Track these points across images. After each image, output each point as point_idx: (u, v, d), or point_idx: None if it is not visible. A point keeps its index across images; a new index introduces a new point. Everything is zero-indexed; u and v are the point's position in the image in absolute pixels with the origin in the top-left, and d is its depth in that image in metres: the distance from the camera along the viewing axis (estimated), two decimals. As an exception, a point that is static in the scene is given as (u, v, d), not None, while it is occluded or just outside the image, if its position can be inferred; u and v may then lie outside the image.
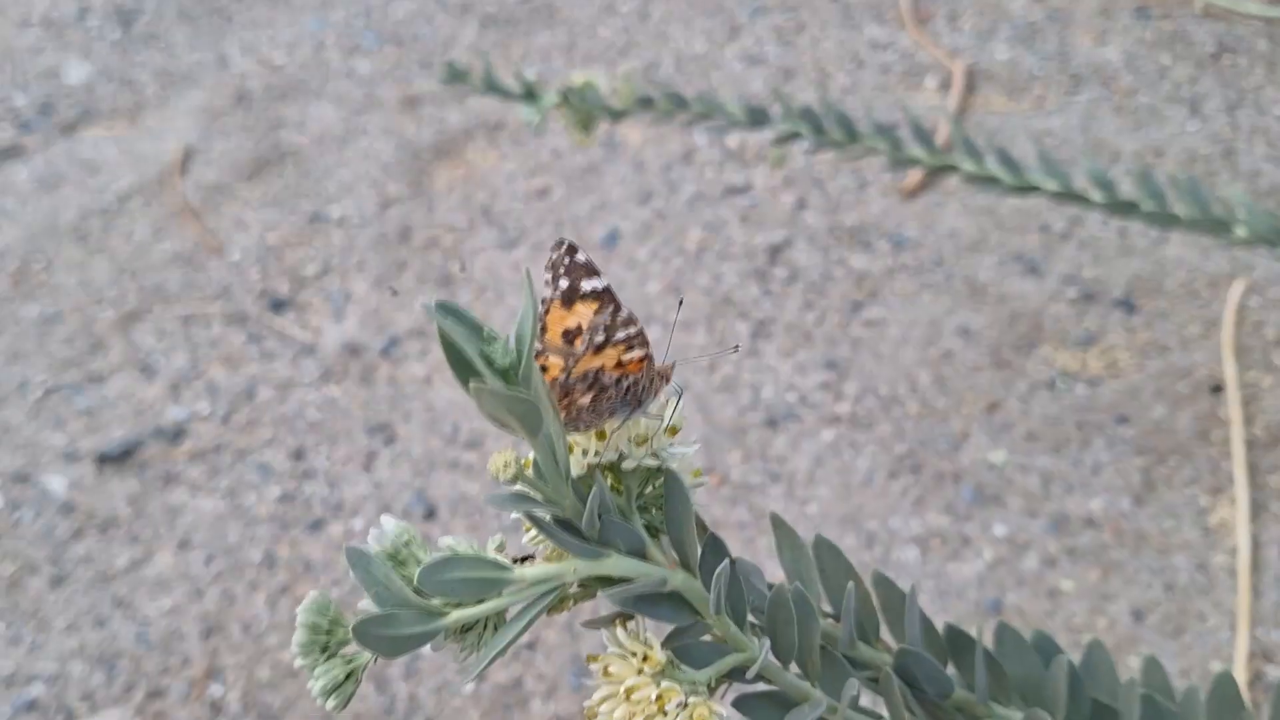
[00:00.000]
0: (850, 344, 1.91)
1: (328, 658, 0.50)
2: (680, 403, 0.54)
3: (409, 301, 1.96)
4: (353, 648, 0.51)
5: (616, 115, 1.75)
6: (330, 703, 0.49)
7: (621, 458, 0.53)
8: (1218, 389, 1.78)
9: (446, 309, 0.43)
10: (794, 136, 1.73)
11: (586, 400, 0.52)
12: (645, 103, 1.75)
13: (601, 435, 0.53)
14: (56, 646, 1.60)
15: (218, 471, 1.82)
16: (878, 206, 2.16)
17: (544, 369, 0.53)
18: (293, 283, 2.14)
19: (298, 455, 1.84)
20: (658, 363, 0.55)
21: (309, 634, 0.49)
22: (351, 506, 1.76)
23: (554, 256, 0.53)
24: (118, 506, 1.78)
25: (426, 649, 1.66)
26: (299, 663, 0.50)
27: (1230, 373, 1.79)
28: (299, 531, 1.73)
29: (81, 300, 2.12)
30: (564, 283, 0.53)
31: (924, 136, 1.69)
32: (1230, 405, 1.74)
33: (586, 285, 0.53)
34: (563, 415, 0.53)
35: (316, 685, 0.49)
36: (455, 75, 1.71)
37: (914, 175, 2.18)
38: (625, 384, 0.53)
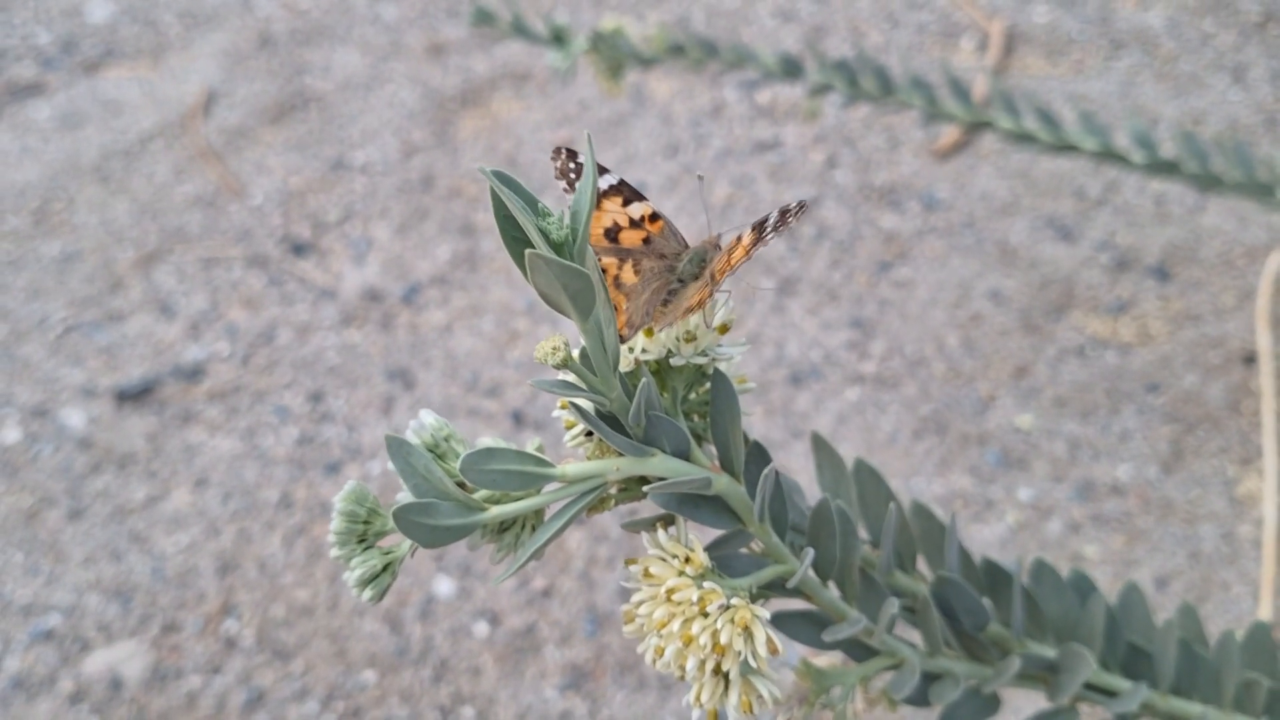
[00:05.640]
0: (877, 304, 1.88)
1: (365, 548, 0.49)
2: (730, 301, 0.53)
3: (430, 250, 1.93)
4: (390, 540, 0.50)
5: (647, 62, 1.72)
6: (367, 593, 0.48)
7: (669, 355, 0.51)
8: (1250, 360, 1.75)
9: (502, 177, 0.41)
10: (828, 89, 1.70)
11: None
12: (676, 50, 1.72)
13: (649, 333, 0.51)
14: (73, 578, 1.61)
15: (236, 412, 1.82)
16: (909, 167, 2.12)
17: (603, 270, 0.52)
18: (314, 227, 2.12)
19: (316, 398, 1.83)
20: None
21: (346, 522, 0.48)
22: (370, 450, 1.75)
23: (559, 165, 0.52)
24: (136, 443, 1.77)
25: (440, 590, 1.63)
26: (335, 553, 0.49)
27: (1264, 344, 1.75)
28: (316, 473, 1.73)
29: (102, 239, 2.11)
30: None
31: (961, 91, 1.65)
32: (1262, 376, 1.71)
33: (602, 183, 0.52)
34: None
35: (353, 575, 0.48)
36: (484, 17, 1.68)
37: (947, 136, 2.14)
38: None
